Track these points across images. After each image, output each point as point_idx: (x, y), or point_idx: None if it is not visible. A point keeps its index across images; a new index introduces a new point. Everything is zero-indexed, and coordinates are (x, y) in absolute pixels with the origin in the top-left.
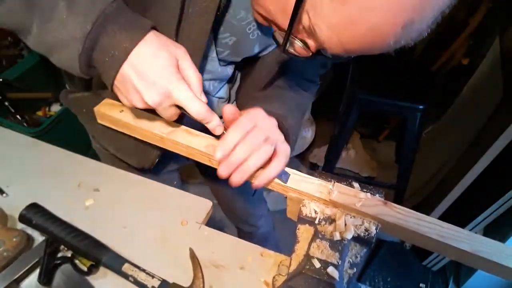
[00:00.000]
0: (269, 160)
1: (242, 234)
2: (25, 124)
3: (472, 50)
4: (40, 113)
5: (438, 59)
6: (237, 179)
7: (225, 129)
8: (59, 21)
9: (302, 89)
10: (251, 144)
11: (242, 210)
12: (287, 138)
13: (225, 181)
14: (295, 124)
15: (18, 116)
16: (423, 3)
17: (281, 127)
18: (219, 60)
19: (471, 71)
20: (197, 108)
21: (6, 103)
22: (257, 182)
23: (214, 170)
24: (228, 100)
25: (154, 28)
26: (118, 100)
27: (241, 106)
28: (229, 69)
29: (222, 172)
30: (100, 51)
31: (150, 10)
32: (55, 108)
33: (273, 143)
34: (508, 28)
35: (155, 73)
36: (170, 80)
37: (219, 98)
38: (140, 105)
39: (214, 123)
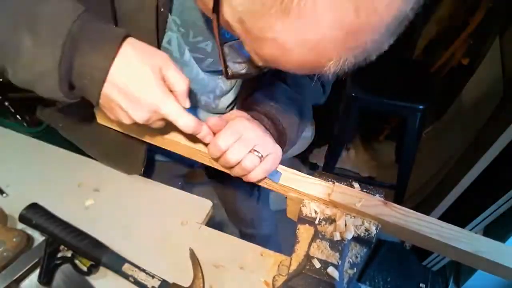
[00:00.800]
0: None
1: (244, 236)
2: (25, 124)
3: (472, 50)
4: None
5: (438, 59)
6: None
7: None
8: (28, 56)
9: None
10: (237, 154)
11: (246, 213)
12: (282, 138)
13: (231, 184)
14: (292, 123)
15: (18, 116)
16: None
17: (276, 123)
18: (205, 71)
19: (471, 71)
20: (184, 122)
21: (6, 103)
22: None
23: (220, 172)
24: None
25: (128, 35)
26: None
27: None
28: (219, 80)
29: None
30: (77, 75)
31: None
32: None
33: (259, 152)
34: (508, 28)
35: (139, 90)
36: (156, 96)
37: (220, 113)
38: (128, 122)
39: (203, 134)
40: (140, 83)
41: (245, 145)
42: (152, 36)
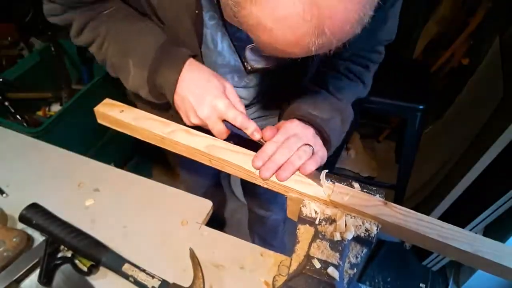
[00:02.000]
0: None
1: (254, 218)
2: (25, 124)
3: (472, 50)
4: (40, 113)
5: (438, 59)
6: (282, 177)
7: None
8: (131, 74)
9: (355, 74)
10: (290, 148)
11: (263, 192)
12: (326, 143)
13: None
14: (335, 127)
15: (18, 116)
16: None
17: (321, 131)
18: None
19: (471, 71)
20: (234, 115)
21: (6, 103)
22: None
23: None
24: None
25: (190, 55)
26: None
27: (279, 102)
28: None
29: (263, 175)
30: (160, 87)
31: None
32: (55, 108)
33: (311, 146)
34: (508, 28)
35: (207, 91)
36: (217, 95)
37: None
38: (196, 120)
39: (251, 129)
40: (208, 88)
41: (298, 140)
42: (193, 40)
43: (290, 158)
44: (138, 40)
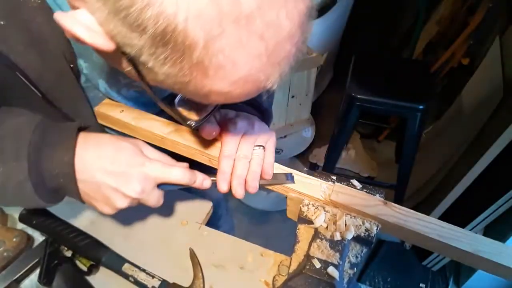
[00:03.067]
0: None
1: None
2: None
3: (472, 50)
4: None
5: (438, 59)
6: (252, 189)
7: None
8: (0, 179)
9: None
10: (245, 156)
11: None
12: (265, 114)
13: None
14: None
15: None
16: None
17: (255, 106)
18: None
19: (471, 71)
20: (177, 174)
21: None
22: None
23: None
24: None
25: (81, 126)
26: None
27: None
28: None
29: (237, 194)
30: (50, 178)
31: None
32: None
33: (260, 142)
34: (508, 28)
35: (127, 164)
36: (142, 163)
37: None
38: (125, 203)
39: (199, 181)
40: (124, 159)
41: (247, 144)
42: (76, 88)
43: (250, 167)
44: (2, 125)
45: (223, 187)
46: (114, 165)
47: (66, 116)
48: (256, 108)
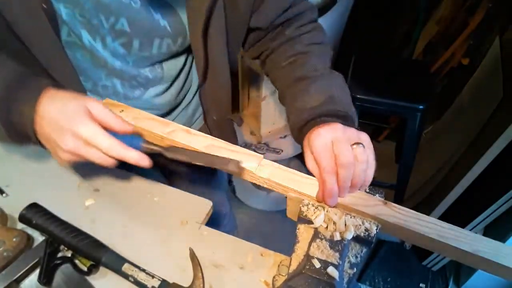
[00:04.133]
0: None
1: None
2: None
3: (472, 50)
4: None
5: (438, 59)
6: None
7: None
8: None
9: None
10: (347, 165)
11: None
12: (349, 118)
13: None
14: (342, 96)
15: None
16: None
17: (343, 114)
18: (130, 57)
19: (471, 71)
20: (105, 143)
21: None
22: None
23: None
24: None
25: (51, 85)
26: None
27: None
28: (148, 71)
29: (340, 201)
30: (20, 127)
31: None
32: None
33: (355, 140)
34: (508, 28)
35: (65, 120)
36: (76, 121)
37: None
38: (66, 155)
39: (133, 157)
40: (66, 116)
41: (344, 148)
42: (50, 34)
43: (354, 172)
44: None
45: (333, 202)
46: (55, 121)
47: (44, 70)
48: (333, 115)
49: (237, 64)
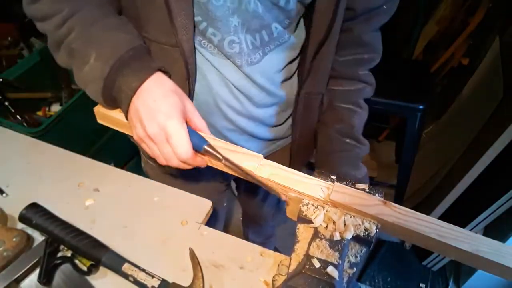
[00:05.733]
0: None
1: (247, 216)
2: (25, 124)
3: (472, 50)
4: (40, 113)
5: (438, 59)
6: None
7: None
8: (88, 66)
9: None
10: None
11: (262, 220)
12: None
13: (255, 195)
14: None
15: (18, 116)
16: None
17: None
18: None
19: (471, 71)
20: (182, 149)
21: (6, 103)
22: None
23: (247, 185)
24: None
25: (161, 70)
26: None
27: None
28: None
29: None
30: (116, 89)
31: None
32: (55, 108)
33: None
34: (508, 28)
35: (161, 108)
36: (171, 116)
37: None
38: (142, 134)
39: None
40: (164, 104)
41: None
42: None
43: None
44: (109, 32)
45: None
46: (153, 103)
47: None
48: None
49: None
